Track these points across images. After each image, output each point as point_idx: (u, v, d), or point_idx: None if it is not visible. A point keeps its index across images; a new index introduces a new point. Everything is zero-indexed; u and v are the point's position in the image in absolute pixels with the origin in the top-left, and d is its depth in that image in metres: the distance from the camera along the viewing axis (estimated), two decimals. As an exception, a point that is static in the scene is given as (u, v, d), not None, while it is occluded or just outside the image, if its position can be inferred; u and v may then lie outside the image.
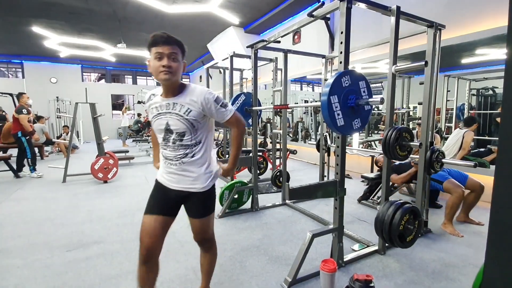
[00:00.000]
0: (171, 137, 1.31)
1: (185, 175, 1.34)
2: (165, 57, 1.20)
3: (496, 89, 4.87)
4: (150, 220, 1.34)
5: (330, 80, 1.63)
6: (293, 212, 3.24)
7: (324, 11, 2.03)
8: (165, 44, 1.20)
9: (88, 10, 6.80)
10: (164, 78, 1.21)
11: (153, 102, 1.34)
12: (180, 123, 1.29)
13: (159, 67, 1.20)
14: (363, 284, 1.45)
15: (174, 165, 1.33)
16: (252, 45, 3.05)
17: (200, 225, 1.41)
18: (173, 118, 1.29)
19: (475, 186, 2.71)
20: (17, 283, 1.85)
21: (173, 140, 1.31)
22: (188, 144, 1.32)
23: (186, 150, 1.32)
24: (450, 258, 2.16)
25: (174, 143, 1.31)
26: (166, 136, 1.32)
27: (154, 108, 1.33)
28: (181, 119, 1.28)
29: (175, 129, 1.30)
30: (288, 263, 2.05)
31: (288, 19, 7.18)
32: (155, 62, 1.21)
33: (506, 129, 0.41)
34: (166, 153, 1.35)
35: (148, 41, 1.23)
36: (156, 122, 1.33)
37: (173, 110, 1.29)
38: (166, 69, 1.20)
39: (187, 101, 1.29)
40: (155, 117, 1.33)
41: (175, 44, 1.23)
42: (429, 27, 2.32)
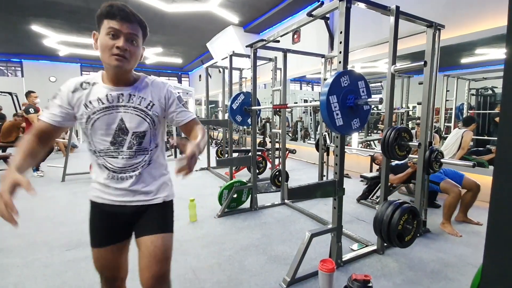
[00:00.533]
0: (125, 139, 1.00)
1: (143, 188, 1.05)
2: (121, 36, 0.91)
3: (495, 89, 4.88)
4: (102, 253, 1.08)
5: (329, 80, 1.63)
6: (292, 211, 3.24)
7: (323, 11, 2.03)
8: (124, 21, 0.91)
9: (88, 9, 6.78)
10: (116, 64, 0.93)
11: (89, 92, 0.98)
12: (140, 120, 1.01)
13: (111, 47, 0.91)
14: (361, 284, 1.45)
15: (129, 178, 1.02)
16: (251, 45, 3.05)
17: (161, 245, 1.03)
18: (130, 113, 0.99)
19: (471, 185, 2.73)
20: (17, 282, 1.84)
21: (130, 143, 1.01)
22: (147, 148, 1.04)
23: (145, 156, 1.04)
24: (448, 257, 2.17)
25: (131, 148, 1.01)
26: (118, 138, 0.99)
27: (95, 101, 0.97)
28: (142, 115, 1.01)
29: (132, 128, 1.00)
30: (287, 262, 2.05)
31: (287, 18, 7.18)
32: (107, 40, 0.91)
33: (505, 129, 0.41)
34: (114, 163, 1.01)
35: (100, 10, 0.92)
36: (101, 120, 0.97)
37: (129, 103, 0.99)
38: (121, 52, 0.91)
39: (148, 93, 1.03)
40: (99, 113, 0.97)
41: (136, 23, 0.94)
42: (428, 27, 2.32)
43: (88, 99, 0.98)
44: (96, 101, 0.97)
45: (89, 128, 0.99)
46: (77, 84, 0.99)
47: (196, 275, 1.93)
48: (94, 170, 1.06)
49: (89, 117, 0.97)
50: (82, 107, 0.97)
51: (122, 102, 0.99)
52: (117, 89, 0.99)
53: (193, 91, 7.60)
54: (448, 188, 2.66)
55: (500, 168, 0.42)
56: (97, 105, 0.97)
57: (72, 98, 0.98)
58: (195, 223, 2.85)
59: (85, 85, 0.99)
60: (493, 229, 0.43)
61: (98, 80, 1.00)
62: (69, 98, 0.98)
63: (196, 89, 9.89)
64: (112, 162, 1.01)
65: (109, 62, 0.93)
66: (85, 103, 0.97)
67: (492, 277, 0.44)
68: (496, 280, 0.44)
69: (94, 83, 1.00)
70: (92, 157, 1.04)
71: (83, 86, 0.99)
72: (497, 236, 0.43)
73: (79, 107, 0.98)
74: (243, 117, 3.53)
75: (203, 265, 2.05)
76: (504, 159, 0.41)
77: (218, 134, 10.04)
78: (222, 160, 3.49)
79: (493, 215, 0.43)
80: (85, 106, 0.97)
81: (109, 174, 1.02)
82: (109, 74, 0.99)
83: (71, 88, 0.98)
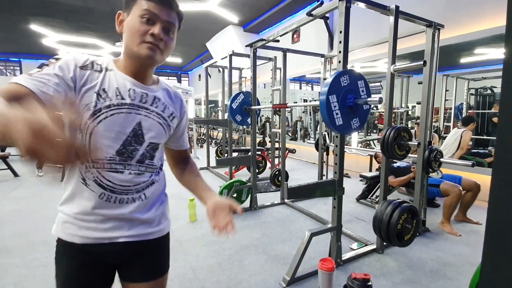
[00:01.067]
0: (137, 150, 0.78)
1: (144, 215, 0.81)
2: (158, 23, 0.73)
3: (494, 88, 4.89)
4: None
5: (329, 80, 1.64)
6: (292, 211, 3.25)
7: (323, 10, 2.03)
8: (165, 6, 0.74)
9: (87, 8, 6.77)
10: (147, 54, 0.73)
11: (104, 78, 0.74)
12: (161, 130, 0.82)
13: (144, 33, 0.72)
14: (361, 283, 1.46)
15: (132, 202, 0.78)
16: (251, 44, 3.05)
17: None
18: (152, 119, 0.79)
19: (471, 186, 2.74)
20: (16, 282, 1.84)
21: (142, 156, 0.79)
22: (156, 165, 0.84)
23: (152, 176, 0.82)
24: (447, 257, 2.17)
25: (141, 162, 0.79)
26: (129, 147, 0.76)
27: (113, 92, 0.74)
28: (164, 124, 0.82)
29: (150, 138, 0.79)
30: (287, 262, 2.06)
31: (287, 18, 7.17)
32: (140, 24, 0.72)
33: (504, 128, 0.41)
34: (114, 180, 0.75)
35: None
36: (114, 118, 0.73)
37: (153, 106, 0.80)
38: (156, 41, 0.73)
39: (170, 101, 0.85)
40: (115, 108, 0.73)
41: (175, 12, 0.77)
42: (428, 26, 2.32)
43: (102, 86, 0.73)
44: (114, 92, 0.74)
45: (91, 126, 0.71)
46: (87, 60, 0.73)
47: (196, 274, 1.94)
48: (70, 190, 0.76)
49: (99, 110, 0.71)
50: (93, 94, 0.71)
51: (146, 104, 0.78)
52: (142, 86, 0.79)
53: (193, 91, 7.60)
54: (448, 188, 2.67)
55: (499, 168, 0.42)
56: (114, 98, 0.74)
57: (80, 75, 0.71)
58: (194, 223, 2.85)
59: (97, 66, 0.75)
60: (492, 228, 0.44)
61: (111, 66, 0.77)
62: (76, 73, 0.70)
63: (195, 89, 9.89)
64: (113, 178, 0.75)
65: (138, 51, 0.73)
66: (98, 90, 0.72)
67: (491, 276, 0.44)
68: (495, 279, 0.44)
69: (107, 69, 0.76)
70: (74, 169, 0.75)
71: (94, 66, 0.74)
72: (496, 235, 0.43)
73: (86, 92, 0.71)
74: (242, 117, 3.53)
75: (202, 265, 2.05)
76: (503, 158, 0.41)
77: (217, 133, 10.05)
78: (221, 159, 3.50)
79: (492, 214, 0.43)
80: (98, 95, 0.72)
81: (103, 195, 0.74)
82: (131, 65, 0.77)
83: (80, 62, 0.72)
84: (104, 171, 0.74)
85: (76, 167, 0.75)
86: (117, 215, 0.77)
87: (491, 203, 0.43)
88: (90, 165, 0.74)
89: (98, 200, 0.75)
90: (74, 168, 0.75)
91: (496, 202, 0.43)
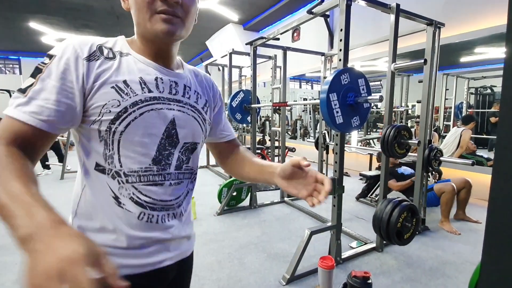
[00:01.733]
0: (172, 154, 0.62)
1: (184, 232, 0.68)
2: None
3: (494, 87, 4.89)
4: None
5: (329, 78, 1.64)
6: (292, 209, 3.25)
7: (323, 8, 2.03)
8: None
9: (86, 6, 6.75)
10: (166, 30, 0.55)
11: (119, 65, 0.57)
12: (197, 126, 0.66)
13: (153, 1, 0.54)
14: (360, 281, 1.46)
15: (172, 218, 0.63)
16: (251, 42, 3.04)
17: None
18: (186, 114, 0.63)
19: (461, 184, 2.77)
20: (16, 279, 1.85)
21: (179, 160, 0.63)
22: (194, 170, 0.69)
23: (189, 184, 0.67)
24: (447, 255, 2.18)
25: (180, 168, 0.63)
26: (164, 152, 0.60)
27: (136, 84, 0.56)
28: (199, 118, 0.66)
29: (185, 137, 0.63)
30: (287, 260, 2.06)
31: (287, 16, 7.15)
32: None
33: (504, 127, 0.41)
34: (154, 195, 0.60)
35: None
36: (145, 118, 0.57)
37: (185, 97, 0.63)
38: (170, 8, 0.54)
39: (198, 88, 0.69)
40: (144, 105, 0.56)
41: None
42: (428, 25, 2.32)
43: (121, 78, 0.55)
44: (138, 84, 0.56)
45: (117, 131, 0.54)
46: (92, 46, 0.55)
47: (196, 272, 1.94)
48: (96, 212, 0.58)
49: (125, 110, 0.54)
50: (110, 90, 0.53)
51: (177, 95, 0.62)
52: (169, 72, 0.62)
53: (193, 89, 7.58)
54: (441, 187, 2.73)
55: (499, 166, 0.42)
56: (140, 92, 0.56)
57: (89, 70, 0.53)
58: (194, 221, 2.85)
59: (107, 51, 0.56)
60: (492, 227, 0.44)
61: (126, 49, 0.59)
62: (83, 70, 0.52)
63: (195, 87, 9.83)
64: (152, 193, 0.59)
65: (152, 27, 0.55)
66: (116, 84, 0.54)
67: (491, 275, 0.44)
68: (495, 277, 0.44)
69: (122, 53, 0.58)
70: (101, 186, 0.57)
71: (104, 51, 0.56)
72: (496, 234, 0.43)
73: (100, 88, 0.53)
74: (242, 115, 3.53)
75: (202, 263, 2.06)
76: (503, 157, 0.41)
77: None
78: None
79: (491, 213, 0.43)
80: (118, 90, 0.54)
81: (142, 215, 0.58)
82: (149, 47, 0.60)
83: (84, 52, 0.53)
84: (141, 185, 0.58)
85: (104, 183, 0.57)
86: (160, 236, 0.61)
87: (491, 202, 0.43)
88: (123, 180, 0.57)
89: (137, 223, 0.58)
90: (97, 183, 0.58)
91: (496, 201, 0.43)
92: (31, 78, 0.51)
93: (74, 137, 0.60)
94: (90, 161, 0.57)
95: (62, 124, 0.51)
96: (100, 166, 0.56)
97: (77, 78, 0.52)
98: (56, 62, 0.51)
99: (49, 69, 0.50)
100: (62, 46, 0.53)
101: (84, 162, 0.58)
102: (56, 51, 0.52)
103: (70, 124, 0.53)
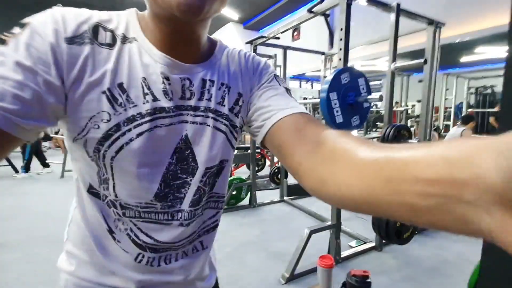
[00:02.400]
0: (188, 184, 0.45)
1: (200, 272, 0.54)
2: None
3: (494, 87, 4.89)
4: None
5: (329, 77, 1.64)
6: (291, 208, 3.26)
7: (324, 8, 2.02)
8: None
9: (87, 5, 6.73)
10: (185, 3, 0.34)
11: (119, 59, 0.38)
12: (221, 139, 0.46)
13: None
14: (360, 280, 1.46)
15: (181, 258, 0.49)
16: (251, 41, 3.04)
17: None
18: (204, 124, 0.45)
19: None
20: (17, 277, 1.85)
21: (198, 193, 0.46)
22: (221, 195, 0.52)
23: (216, 215, 0.53)
24: (446, 255, 2.19)
25: (198, 202, 0.47)
26: (174, 182, 0.44)
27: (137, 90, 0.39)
28: (224, 125, 0.46)
29: (207, 161, 0.45)
30: (286, 259, 2.06)
31: (287, 15, 7.15)
32: None
33: (504, 127, 0.41)
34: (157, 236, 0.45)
35: None
36: (143, 140, 0.39)
37: (202, 99, 0.44)
38: None
39: (230, 74, 0.48)
40: (136, 124, 0.39)
41: None
42: (429, 24, 2.32)
43: (116, 79, 0.38)
44: (138, 88, 0.39)
45: (107, 156, 0.39)
46: (83, 23, 0.39)
47: (196, 271, 1.95)
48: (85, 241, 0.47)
49: (117, 128, 0.38)
50: (99, 96, 0.37)
51: (192, 99, 0.43)
52: (180, 66, 0.42)
53: (193, 88, 7.59)
54: None
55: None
56: (141, 101, 0.39)
57: (70, 58, 0.36)
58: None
59: (105, 34, 0.40)
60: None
61: (134, 31, 0.42)
62: (61, 55, 0.35)
63: (195, 86, 9.84)
64: (155, 234, 0.45)
65: (169, 4, 0.35)
66: (109, 88, 0.37)
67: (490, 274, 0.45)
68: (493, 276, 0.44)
69: (126, 38, 0.41)
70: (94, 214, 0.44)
71: (99, 34, 0.39)
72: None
73: (87, 93, 0.37)
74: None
75: (202, 261, 2.06)
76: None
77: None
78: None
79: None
80: (110, 98, 0.38)
81: (141, 257, 0.46)
82: (161, 31, 0.41)
83: (68, 29, 0.37)
84: (141, 221, 0.44)
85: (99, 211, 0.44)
86: (161, 279, 0.48)
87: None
88: (119, 212, 0.43)
89: (134, 265, 0.45)
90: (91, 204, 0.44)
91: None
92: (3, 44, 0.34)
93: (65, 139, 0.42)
94: (82, 180, 0.43)
95: (25, 119, 0.31)
96: (94, 189, 0.42)
97: (56, 65, 0.34)
98: (29, 34, 0.34)
99: (16, 40, 0.34)
100: (42, 14, 0.37)
101: (76, 178, 0.45)
102: (32, 19, 0.36)
103: (39, 122, 0.34)
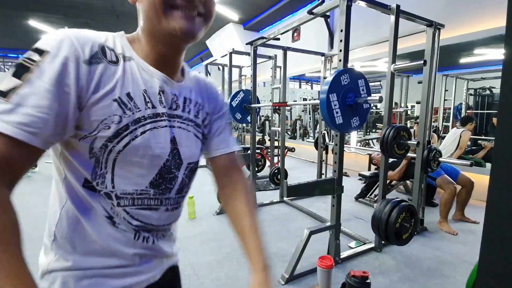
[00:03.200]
0: (177, 177, 0.57)
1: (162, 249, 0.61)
2: None
3: (493, 89, 4.91)
4: None
5: (329, 78, 1.64)
6: (291, 209, 3.26)
7: (324, 9, 2.03)
8: None
9: (86, 5, 6.74)
10: (186, 29, 0.47)
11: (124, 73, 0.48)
12: (197, 143, 0.60)
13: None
14: (359, 280, 1.47)
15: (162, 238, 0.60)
16: (251, 42, 3.05)
17: None
18: (186, 131, 0.58)
19: (466, 182, 2.79)
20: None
21: (182, 183, 0.58)
22: (187, 191, 0.64)
23: (181, 206, 0.63)
24: (445, 255, 2.19)
25: (181, 191, 0.59)
26: (167, 175, 0.55)
27: (139, 98, 0.49)
28: (198, 134, 0.61)
29: (188, 157, 0.58)
30: (286, 259, 2.06)
31: (287, 16, 7.16)
32: None
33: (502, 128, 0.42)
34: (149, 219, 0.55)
35: None
36: (147, 137, 0.50)
37: (185, 111, 0.57)
38: (194, 5, 0.48)
39: (199, 98, 0.61)
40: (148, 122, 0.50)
41: None
42: (428, 26, 2.32)
43: (125, 90, 0.47)
44: (141, 97, 0.49)
45: (114, 151, 0.47)
46: (94, 45, 0.45)
47: (195, 271, 1.94)
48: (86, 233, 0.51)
49: (126, 127, 0.47)
50: (111, 103, 0.46)
51: (177, 110, 0.55)
52: (170, 82, 0.54)
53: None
54: (443, 184, 2.72)
55: (497, 167, 0.43)
56: (144, 107, 0.49)
57: (89, 77, 0.44)
58: (194, 220, 2.86)
59: (110, 54, 0.47)
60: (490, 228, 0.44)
61: (129, 51, 0.50)
62: (82, 76, 0.43)
63: (195, 86, 9.84)
64: (144, 217, 0.54)
65: (168, 25, 0.46)
66: (119, 96, 0.46)
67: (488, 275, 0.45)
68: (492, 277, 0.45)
69: (125, 57, 0.49)
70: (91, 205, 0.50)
71: (107, 53, 0.46)
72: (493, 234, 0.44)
73: (100, 101, 0.45)
74: (242, 115, 3.54)
75: (202, 262, 2.06)
76: (502, 157, 0.42)
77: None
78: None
79: (489, 213, 0.44)
80: (120, 104, 0.46)
81: (137, 236, 0.55)
82: (157, 50, 0.51)
83: (86, 53, 0.44)
84: (134, 209, 0.52)
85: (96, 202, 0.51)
86: (152, 252, 0.59)
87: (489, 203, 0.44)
88: (114, 203, 0.50)
89: (134, 242, 0.55)
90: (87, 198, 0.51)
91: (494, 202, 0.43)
92: (14, 78, 0.39)
93: (52, 147, 0.47)
94: (75, 176, 0.49)
95: (53, 138, 0.42)
96: (89, 183, 0.49)
97: (76, 84, 0.42)
98: (50, 60, 0.40)
99: (40, 68, 0.40)
100: (55, 39, 0.42)
101: (65, 177, 0.50)
102: (48, 46, 0.41)
103: (60, 137, 0.44)
